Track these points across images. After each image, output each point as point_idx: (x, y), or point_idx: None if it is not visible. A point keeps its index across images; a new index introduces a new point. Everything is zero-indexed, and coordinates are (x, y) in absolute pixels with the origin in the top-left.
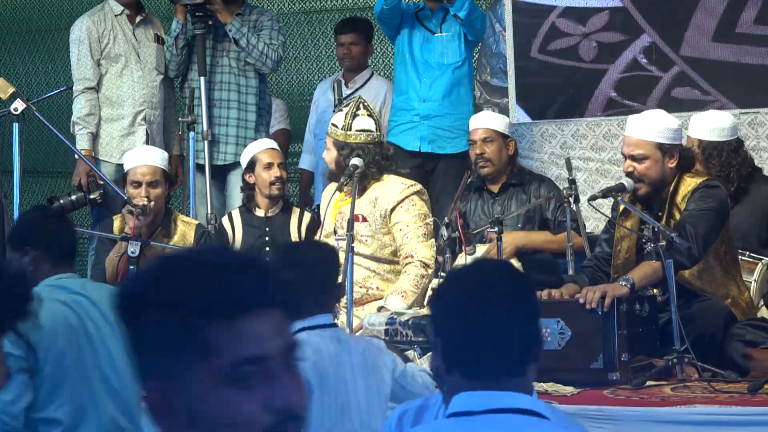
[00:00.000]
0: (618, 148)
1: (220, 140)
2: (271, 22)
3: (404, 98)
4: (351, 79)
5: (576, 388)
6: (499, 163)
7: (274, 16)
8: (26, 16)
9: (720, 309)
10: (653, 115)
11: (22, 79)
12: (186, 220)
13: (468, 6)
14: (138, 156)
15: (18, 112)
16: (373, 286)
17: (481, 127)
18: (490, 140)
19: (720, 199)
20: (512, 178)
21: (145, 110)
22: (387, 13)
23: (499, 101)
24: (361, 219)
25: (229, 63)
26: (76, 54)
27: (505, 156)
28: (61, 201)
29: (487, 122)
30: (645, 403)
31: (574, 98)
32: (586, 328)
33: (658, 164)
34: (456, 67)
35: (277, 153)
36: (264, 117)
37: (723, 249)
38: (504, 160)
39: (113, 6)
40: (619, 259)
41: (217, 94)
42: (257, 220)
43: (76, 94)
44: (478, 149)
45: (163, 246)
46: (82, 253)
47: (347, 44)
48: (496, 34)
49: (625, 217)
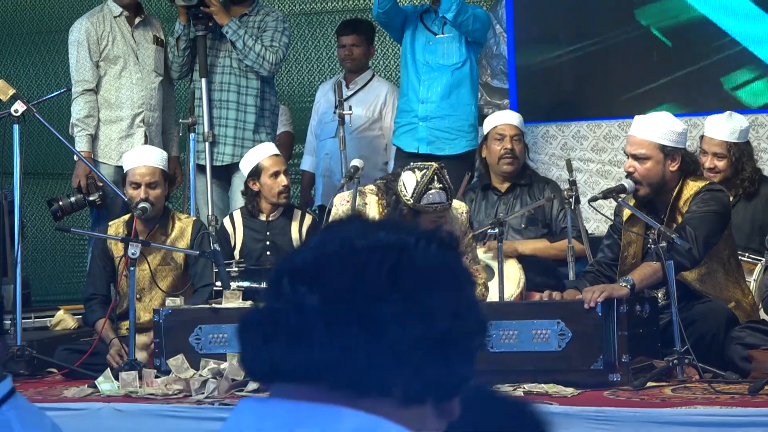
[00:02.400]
0: (619, 150)
1: (218, 141)
2: (276, 23)
3: (405, 100)
4: (352, 80)
5: (576, 389)
6: (522, 162)
7: (280, 17)
8: (26, 17)
9: (721, 310)
10: (659, 116)
11: (23, 81)
12: (183, 217)
13: (456, 8)
14: (137, 157)
15: (18, 114)
16: None
17: (513, 123)
18: (517, 138)
19: (722, 202)
20: (522, 178)
21: (143, 112)
22: (382, 15)
23: (499, 102)
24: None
25: (230, 64)
26: (75, 56)
27: (524, 157)
28: (60, 203)
29: (516, 120)
30: (646, 404)
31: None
32: (587, 329)
33: (659, 166)
34: (456, 68)
35: (281, 159)
36: (267, 119)
37: (726, 252)
38: (523, 161)
39: (112, 8)
40: (626, 265)
41: (216, 95)
42: (259, 224)
43: (75, 95)
44: (507, 144)
45: (163, 247)
46: (81, 254)
47: (348, 46)
48: (497, 36)
49: (632, 223)
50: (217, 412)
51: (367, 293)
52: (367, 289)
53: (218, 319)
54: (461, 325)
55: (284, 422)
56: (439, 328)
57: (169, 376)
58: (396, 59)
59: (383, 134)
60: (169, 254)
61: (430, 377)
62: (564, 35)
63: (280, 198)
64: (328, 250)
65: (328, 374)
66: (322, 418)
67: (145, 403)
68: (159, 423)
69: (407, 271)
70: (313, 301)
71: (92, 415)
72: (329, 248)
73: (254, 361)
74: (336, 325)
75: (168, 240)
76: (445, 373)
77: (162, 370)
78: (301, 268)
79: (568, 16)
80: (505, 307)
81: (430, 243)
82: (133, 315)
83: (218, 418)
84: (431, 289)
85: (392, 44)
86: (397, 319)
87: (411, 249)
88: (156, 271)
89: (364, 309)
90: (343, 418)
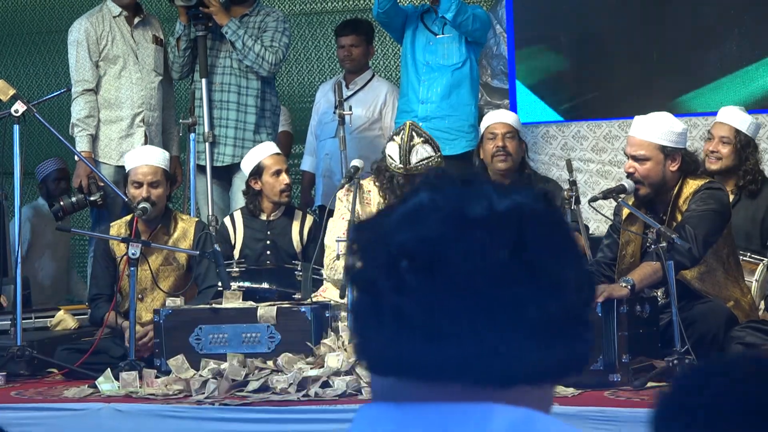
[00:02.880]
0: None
1: (219, 141)
2: (276, 23)
3: (405, 100)
4: (352, 80)
5: (577, 389)
6: (517, 160)
7: (281, 17)
8: (27, 17)
9: (721, 310)
10: (658, 117)
11: (23, 81)
12: (185, 217)
13: (455, 8)
14: (139, 156)
15: (19, 114)
16: None
17: (504, 122)
18: (510, 136)
19: (721, 201)
20: (521, 177)
21: (143, 112)
22: (382, 16)
23: (499, 102)
24: None
25: (231, 64)
26: (75, 56)
27: (520, 155)
28: (61, 203)
29: (510, 119)
30: (646, 404)
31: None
32: None
33: (660, 166)
34: (456, 68)
35: (283, 158)
36: (267, 119)
37: (725, 251)
38: (519, 159)
39: (111, 7)
40: (624, 264)
41: (217, 95)
42: (259, 224)
43: (75, 96)
44: (499, 142)
45: (163, 247)
46: (82, 255)
47: (348, 46)
48: (497, 36)
49: (630, 222)
50: (217, 413)
51: (493, 275)
52: (492, 270)
53: (218, 319)
54: (584, 295)
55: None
56: (569, 301)
57: (170, 377)
58: (396, 59)
59: (383, 134)
60: (171, 255)
61: (563, 355)
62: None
63: (282, 196)
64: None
65: (464, 369)
66: (472, 418)
67: (145, 403)
68: (159, 423)
69: (529, 244)
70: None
71: (92, 416)
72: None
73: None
74: (467, 317)
75: (170, 240)
76: (576, 347)
77: (162, 371)
78: (417, 253)
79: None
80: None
81: (537, 201)
82: (134, 315)
83: (218, 419)
84: (556, 258)
85: (392, 44)
86: (531, 299)
87: (528, 214)
88: (158, 272)
89: (494, 295)
90: (495, 416)
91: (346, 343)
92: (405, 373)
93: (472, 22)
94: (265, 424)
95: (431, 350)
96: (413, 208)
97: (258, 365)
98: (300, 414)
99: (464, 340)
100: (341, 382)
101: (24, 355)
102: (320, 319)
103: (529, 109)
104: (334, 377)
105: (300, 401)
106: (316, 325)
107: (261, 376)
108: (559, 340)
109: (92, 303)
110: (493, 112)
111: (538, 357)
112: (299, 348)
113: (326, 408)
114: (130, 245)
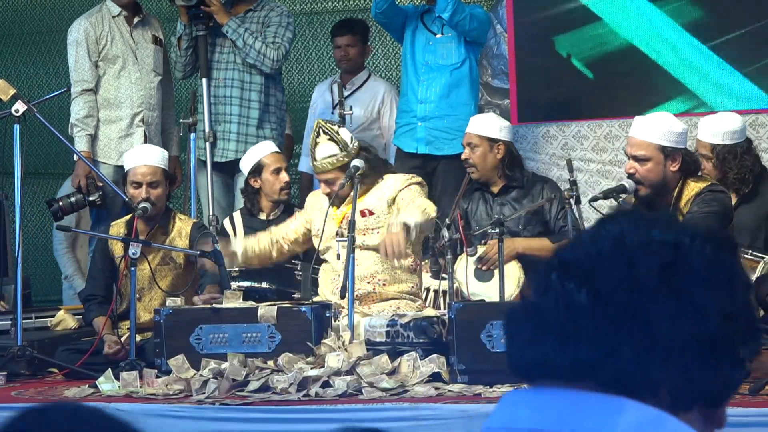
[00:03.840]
0: (619, 150)
1: (222, 137)
2: (280, 17)
3: (404, 100)
4: (348, 80)
5: None
6: (484, 169)
7: (284, 12)
8: (27, 17)
9: None
10: (658, 117)
11: (23, 81)
12: (183, 217)
13: (451, 8)
14: (138, 156)
15: (19, 114)
16: (379, 282)
17: (468, 131)
18: (473, 146)
19: (723, 203)
20: (512, 181)
21: (143, 112)
22: (380, 16)
23: (500, 102)
24: (368, 213)
25: (233, 60)
26: (74, 56)
27: (492, 160)
28: (60, 203)
29: (472, 127)
30: None
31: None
32: None
33: (660, 167)
34: (455, 68)
35: (282, 157)
36: (272, 114)
37: None
38: (490, 165)
39: (111, 7)
40: None
41: (220, 91)
42: (258, 223)
43: (74, 95)
44: (464, 154)
45: (163, 247)
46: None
47: (344, 46)
48: (497, 36)
49: None
50: (217, 412)
51: (638, 291)
52: (639, 287)
53: (219, 319)
54: (733, 327)
55: (563, 412)
56: (710, 329)
57: (170, 376)
58: (395, 59)
59: (382, 134)
60: (169, 254)
61: (698, 380)
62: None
63: (282, 194)
64: (600, 246)
65: (596, 373)
66: (603, 408)
67: (145, 403)
68: (159, 423)
69: (680, 269)
70: (582, 299)
71: None
72: (601, 245)
73: (521, 358)
74: (605, 323)
75: (167, 240)
76: (714, 377)
77: (162, 370)
78: (571, 264)
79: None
80: (505, 306)
81: (705, 242)
82: (134, 315)
83: (219, 418)
84: (704, 289)
85: (392, 44)
86: (668, 317)
87: (686, 247)
88: (155, 271)
89: (635, 307)
90: (626, 410)
91: (347, 343)
92: (540, 373)
93: (469, 21)
94: (266, 424)
95: (565, 350)
96: (588, 234)
97: (258, 365)
98: (300, 414)
99: (597, 344)
100: (341, 382)
101: (24, 355)
102: (320, 318)
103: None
104: (334, 377)
105: (300, 401)
106: (317, 324)
107: (261, 376)
108: (694, 364)
109: (85, 303)
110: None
111: (667, 374)
112: (299, 348)
113: (326, 408)
114: (131, 245)
